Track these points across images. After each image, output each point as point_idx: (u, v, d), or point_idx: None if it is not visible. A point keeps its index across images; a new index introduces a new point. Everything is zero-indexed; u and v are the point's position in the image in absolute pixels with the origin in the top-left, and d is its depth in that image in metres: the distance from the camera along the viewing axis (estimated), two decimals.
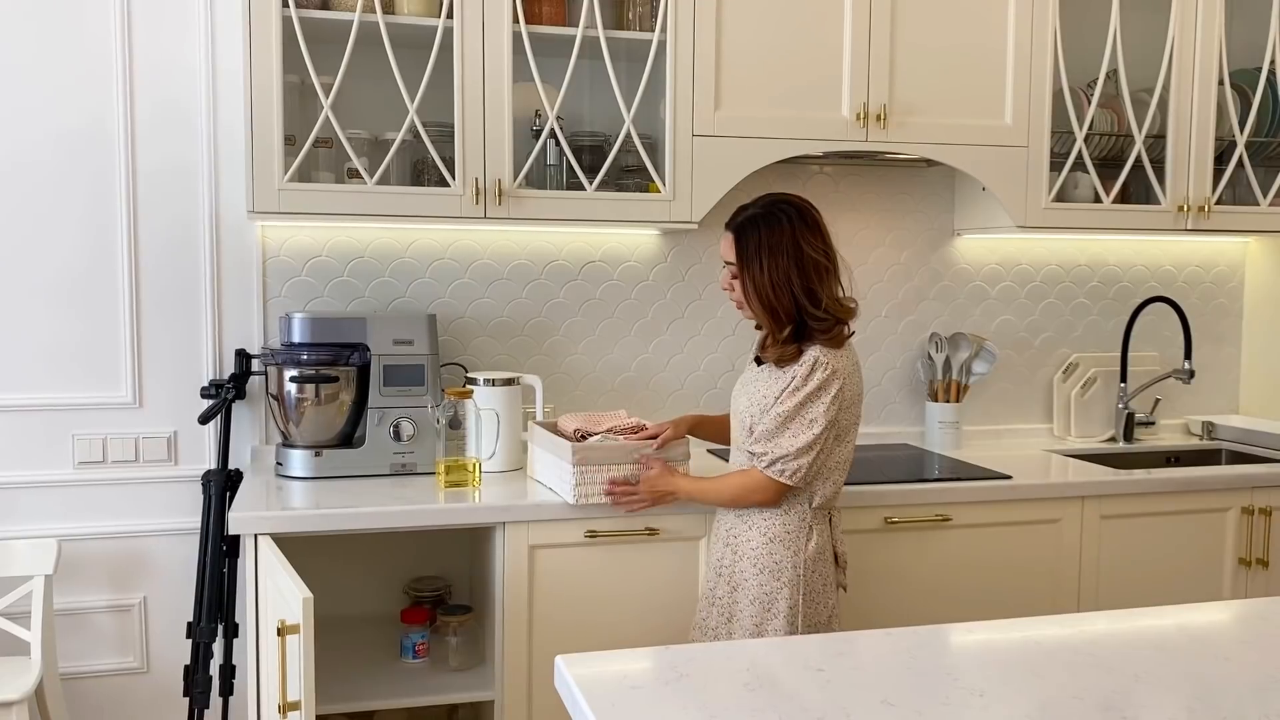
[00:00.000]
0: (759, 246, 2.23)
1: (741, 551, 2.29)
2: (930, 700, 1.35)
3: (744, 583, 2.28)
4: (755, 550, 2.27)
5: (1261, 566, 3.01)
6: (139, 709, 2.93)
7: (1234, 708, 1.34)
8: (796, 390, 2.20)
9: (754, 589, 2.26)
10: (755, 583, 2.26)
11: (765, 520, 2.27)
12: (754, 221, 2.25)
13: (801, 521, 2.28)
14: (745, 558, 2.28)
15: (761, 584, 2.25)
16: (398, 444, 2.73)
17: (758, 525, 2.28)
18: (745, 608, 2.27)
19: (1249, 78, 3.30)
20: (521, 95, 2.75)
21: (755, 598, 2.26)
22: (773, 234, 2.22)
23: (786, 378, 2.23)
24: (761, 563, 2.26)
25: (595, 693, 1.35)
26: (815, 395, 2.20)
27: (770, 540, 2.26)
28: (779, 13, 2.82)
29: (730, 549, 2.31)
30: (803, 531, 2.27)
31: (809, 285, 2.22)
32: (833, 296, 2.25)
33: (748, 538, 2.29)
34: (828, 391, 2.20)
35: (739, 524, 2.31)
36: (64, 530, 2.82)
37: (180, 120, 2.84)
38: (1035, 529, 2.82)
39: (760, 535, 2.27)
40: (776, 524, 2.27)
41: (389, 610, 2.95)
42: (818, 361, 2.21)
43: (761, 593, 2.25)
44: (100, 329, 2.84)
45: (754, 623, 2.26)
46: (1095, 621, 1.68)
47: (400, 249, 3.00)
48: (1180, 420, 3.65)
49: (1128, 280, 3.57)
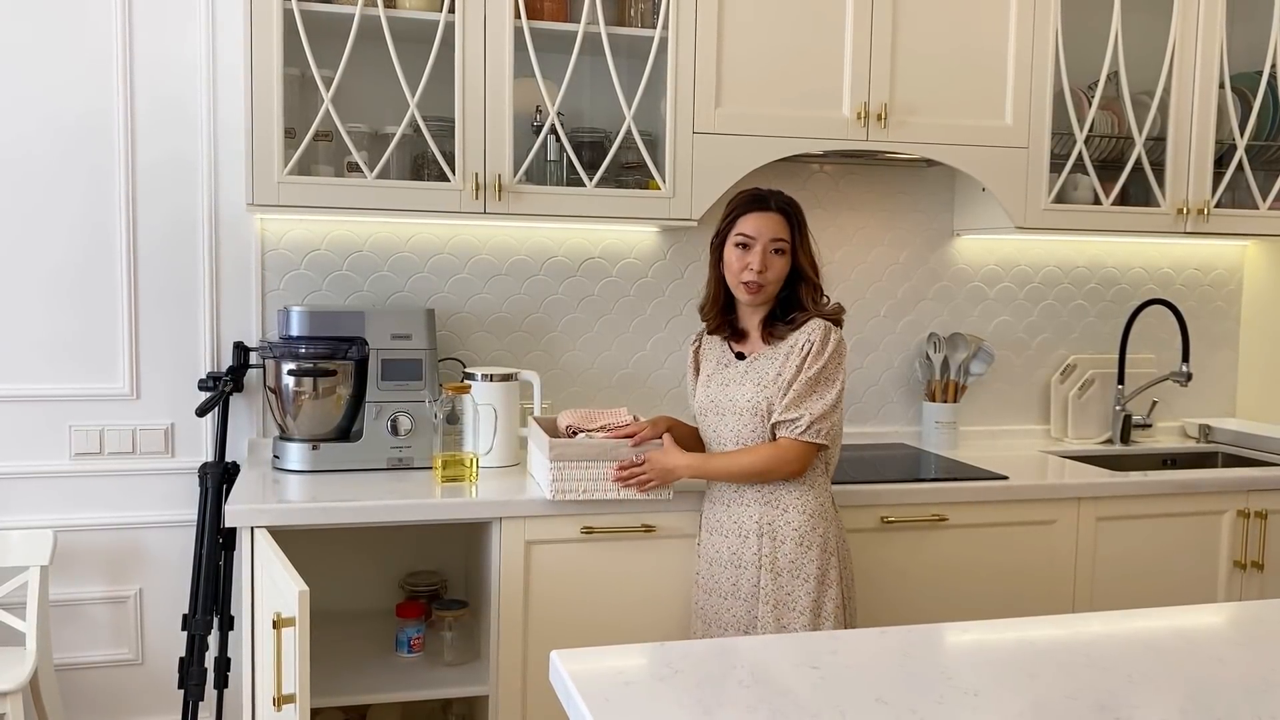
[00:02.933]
0: (804, 225, 2.39)
1: (782, 535, 2.32)
2: (924, 699, 1.35)
3: (790, 567, 2.31)
4: (799, 530, 2.32)
5: (1256, 569, 3.01)
6: (133, 700, 2.93)
7: (1228, 710, 1.34)
8: (818, 355, 2.30)
9: (805, 567, 2.31)
10: (805, 560, 2.31)
11: (800, 499, 2.33)
12: (794, 204, 2.40)
13: (827, 493, 2.39)
14: (788, 540, 2.31)
15: (812, 559, 2.31)
16: (395, 438, 2.73)
17: (794, 505, 2.33)
18: (799, 588, 2.31)
19: (1249, 81, 3.30)
20: (522, 91, 2.75)
21: (809, 575, 2.31)
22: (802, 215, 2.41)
23: (799, 348, 2.31)
24: (807, 540, 2.31)
25: (590, 688, 1.35)
26: (834, 359, 2.31)
27: (811, 516, 2.32)
28: (780, 11, 2.82)
29: (768, 538, 2.33)
30: (830, 504, 2.38)
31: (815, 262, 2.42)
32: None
33: (787, 520, 2.32)
34: (842, 355, 2.34)
35: (770, 510, 2.33)
36: (60, 521, 2.82)
37: (180, 113, 2.84)
38: (1031, 530, 2.82)
39: (800, 514, 2.32)
40: (810, 499, 2.33)
41: (384, 604, 2.95)
42: (829, 327, 2.33)
43: (815, 569, 2.31)
44: (98, 320, 2.84)
45: (811, 600, 2.31)
46: (1090, 622, 1.68)
47: (399, 243, 3.00)
48: (1177, 423, 3.66)
49: (1126, 282, 3.57)
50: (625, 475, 2.44)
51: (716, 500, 2.42)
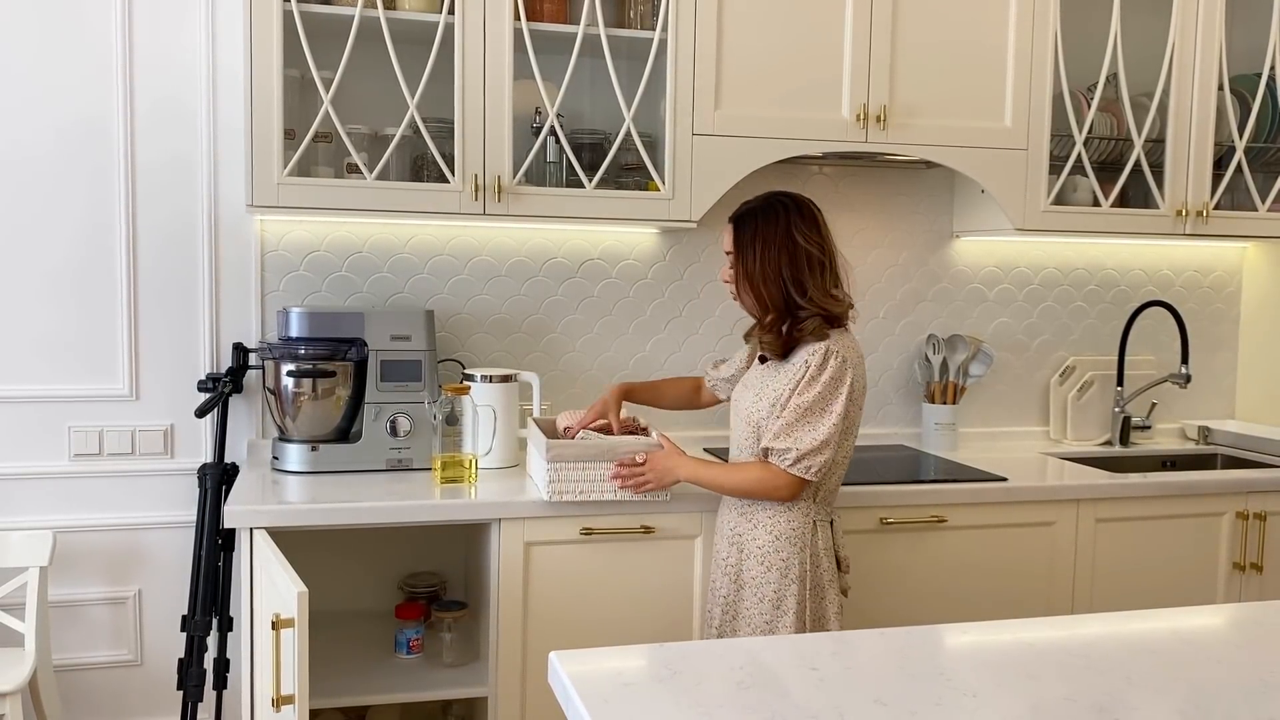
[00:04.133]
0: (754, 236, 2.28)
1: (748, 550, 2.28)
2: (923, 701, 1.35)
3: (751, 581, 2.27)
4: (763, 549, 2.26)
5: (1256, 571, 3.01)
6: (133, 701, 2.93)
7: (1227, 712, 1.34)
8: (813, 381, 2.20)
9: (763, 588, 2.26)
10: (764, 580, 2.26)
11: (772, 519, 2.27)
12: (752, 213, 2.31)
13: (807, 518, 2.28)
14: (752, 557, 2.28)
15: (770, 582, 2.25)
16: (394, 439, 2.73)
17: (764, 524, 2.27)
18: (753, 606, 2.27)
19: (1249, 83, 3.30)
20: (522, 92, 2.75)
21: (764, 596, 2.26)
22: (768, 225, 2.27)
23: (796, 370, 2.24)
24: (769, 561, 2.26)
25: (589, 689, 1.35)
26: (832, 387, 2.20)
27: (778, 539, 2.26)
28: (780, 13, 2.82)
29: (735, 548, 2.31)
30: (809, 529, 2.27)
31: (798, 276, 2.25)
32: (823, 290, 2.26)
33: (754, 536, 2.28)
34: (843, 384, 2.21)
35: (743, 523, 2.30)
36: (59, 522, 2.82)
37: (180, 114, 2.84)
38: (1030, 531, 2.83)
39: (768, 534, 2.27)
40: (783, 522, 2.26)
41: (383, 606, 2.95)
42: (830, 351, 2.21)
43: (771, 591, 2.25)
44: (98, 321, 2.84)
45: (764, 621, 2.25)
46: (1089, 624, 1.68)
47: (399, 244, 3.00)
48: (1176, 424, 3.66)
49: (1125, 284, 3.57)
50: (625, 474, 2.43)
51: (723, 501, 2.41)
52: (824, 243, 2.28)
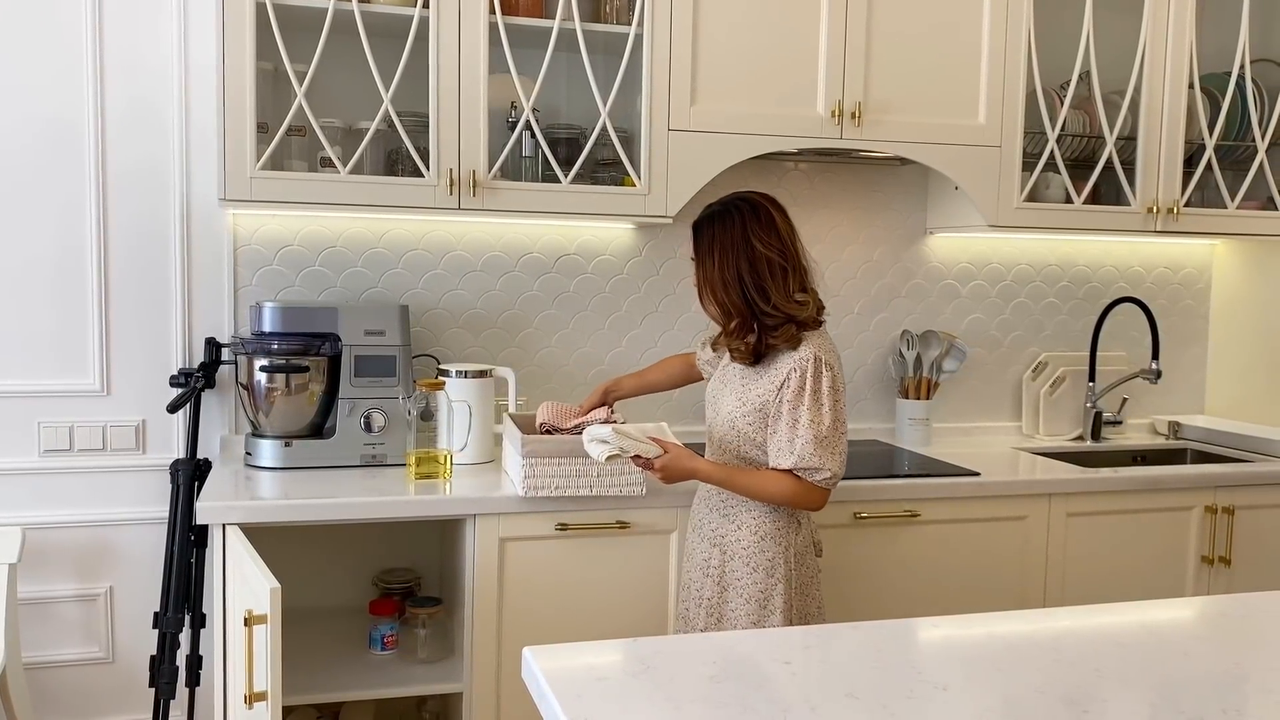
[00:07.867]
0: (712, 242, 2.25)
1: (731, 551, 2.27)
2: (895, 694, 1.36)
3: (736, 582, 2.26)
4: (747, 550, 2.25)
5: (1224, 564, 3.05)
6: (104, 699, 2.91)
7: (1194, 703, 1.35)
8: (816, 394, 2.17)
9: (748, 588, 2.25)
10: (749, 581, 2.25)
11: (756, 519, 2.26)
12: (709, 219, 2.28)
13: (791, 516, 2.27)
14: (736, 557, 2.26)
15: (756, 582, 2.24)
16: (368, 435, 2.72)
17: (748, 525, 2.26)
18: (739, 607, 2.25)
19: (1219, 82, 3.33)
20: (497, 86, 2.74)
21: (751, 596, 2.24)
22: (725, 231, 2.24)
23: (780, 378, 2.20)
24: (754, 561, 2.25)
25: (562, 685, 1.35)
26: (834, 398, 2.19)
27: (762, 538, 2.25)
28: (756, 9, 2.83)
29: (718, 549, 2.29)
30: (792, 527, 2.27)
31: (759, 283, 2.20)
32: (785, 295, 2.21)
33: (737, 537, 2.27)
34: (839, 391, 2.21)
35: (725, 523, 2.29)
36: (29, 518, 2.79)
37: (152, 111, 2.81)
38: (1002, 525, 2.85)
39: (751, 534, 2.25)
40: (767, 522, 2.25)
41: (358, 602, 2.94)
42: (819, 361, 2.19)
43: (757, 591, 2.24)
44: (69, 316, 2.81)
45: (751, 621, 2.24)
46: (1059, 617, 1.69)
47: (373, 239, 2.98)
48: (1147, 420, 3.69)
49: (1097, 280, 3.60)
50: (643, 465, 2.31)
51: (698, 500, 2.40)
52: (784, 246, 2.23)
